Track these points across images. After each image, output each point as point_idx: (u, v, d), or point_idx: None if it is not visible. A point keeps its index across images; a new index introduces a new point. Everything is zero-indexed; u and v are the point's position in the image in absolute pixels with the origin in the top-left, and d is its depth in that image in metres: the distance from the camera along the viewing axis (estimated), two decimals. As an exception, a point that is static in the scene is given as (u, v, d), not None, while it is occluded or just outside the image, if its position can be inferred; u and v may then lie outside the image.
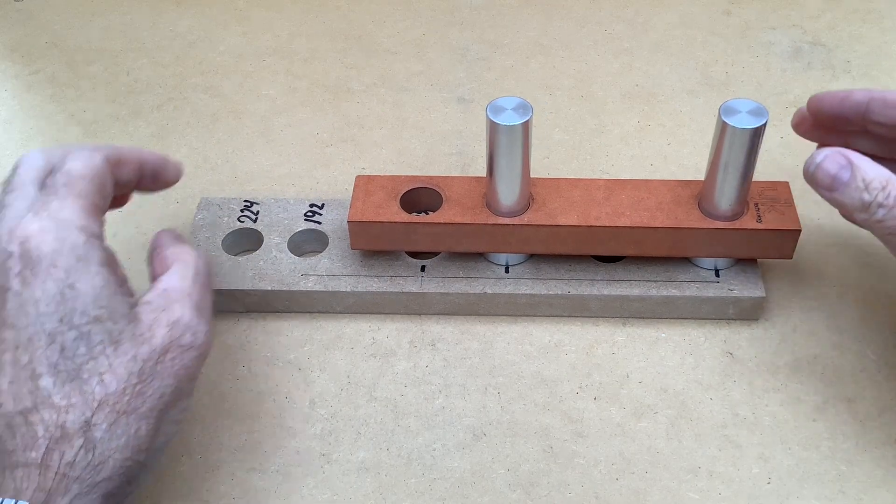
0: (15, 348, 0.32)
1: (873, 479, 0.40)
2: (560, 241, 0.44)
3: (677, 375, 0.44)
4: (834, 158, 0.38)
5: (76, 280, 0.32)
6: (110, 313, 0.33)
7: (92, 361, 0.32)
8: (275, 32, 0.67)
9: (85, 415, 0.31)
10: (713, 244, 0.44)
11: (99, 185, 0.36)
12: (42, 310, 0.32)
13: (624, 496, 0.39)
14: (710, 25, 0.66)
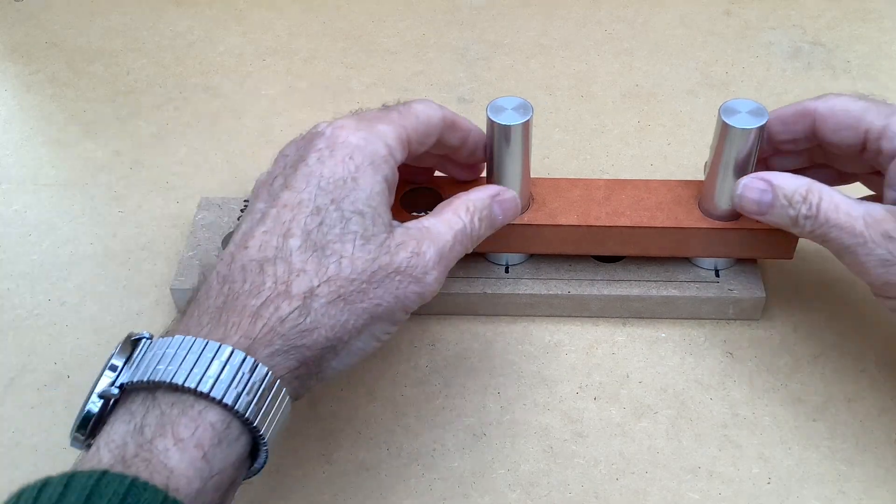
0: (283, 206, 0.35)
1: (873, 479, 0.40)
2: (560, 240, 0.44)
3: (677, 375, 0.44)
4: (752, 185, 0.40)
5: (360, 176, 0.35)
6: (373, 216, 0.35)
7: (339, 244, 0.34)
8: (275, 32, 0.67)
9: (312, 283, 0.33)
10: (713, 244, 0.44)
11: (424, 130, 0.39)
12: (322, 185, 0.35)
13: (624, 496, 0.39)
14: (710, 25, 0.66)
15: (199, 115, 0.60)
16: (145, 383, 0.31)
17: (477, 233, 0.39)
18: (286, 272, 0.33)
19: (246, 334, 0.32)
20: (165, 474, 0.29)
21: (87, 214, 0.54)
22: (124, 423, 0.31)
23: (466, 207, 0.39)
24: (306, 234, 0.34)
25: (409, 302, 0.36)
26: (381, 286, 0.35)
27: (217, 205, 0.50)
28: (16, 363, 0.46)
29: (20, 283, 0.50)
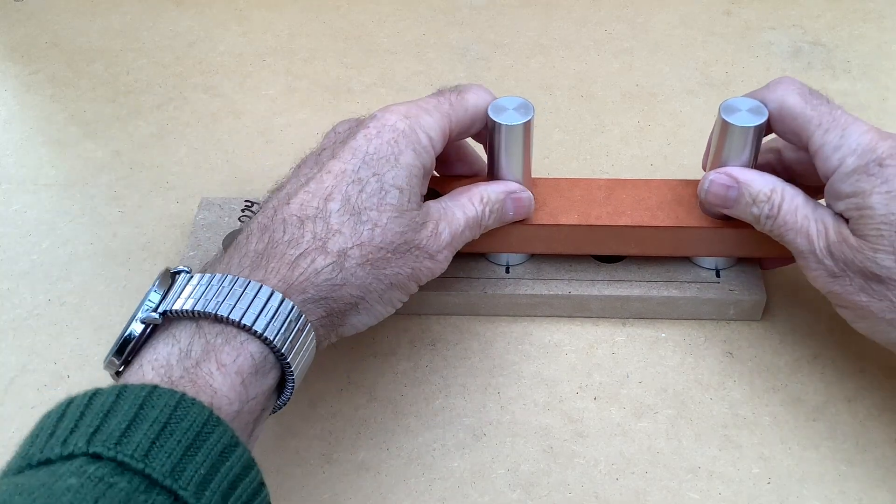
0: (328, 172, 0.38)
1: (873, 479, 0.40)
2: (561, 240, 0.44)
3: (677, 375, 0.44)
4: (719, 181, 0.41)
5: (402, 158, 0.38)
6: (409, 193, 0.38)
7: (375, 212, 0.37)
8: (275, 32, 0.67)
9: (346, 244, 0.36)
10: (714, 243, 0.44)
11: (470, 121, 0.41)
12: (367, 160, 0.38)
13: (624, 496, 0.39)
14: (710, 25, 0.66)
15: (199, 115, 0.60)
16: (189, 312, 0.34)
17: (486, 223, 0.42)
18: (324, 230, 0.36)
19: (284, 279, 0.35)
20: (210, 394, 0.32)
21: (87, 214, 0.54)
22: (167, 345, 0.33)
23: (481, 197, 0.41)
24: (346, 199, 0.37)
25: (421, 275, 0.39)
26: (402, 258, 0.38)
27: (217, 205, 0.50)
28: (16, 363, 0.46)
29: (20, 283, 0.50)
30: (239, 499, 0.30)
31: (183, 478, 0.28)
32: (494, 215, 0.42)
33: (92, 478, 0.27)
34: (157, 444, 0.29)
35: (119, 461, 0.28)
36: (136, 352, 0.34)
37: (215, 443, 0.30)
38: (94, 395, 0.30)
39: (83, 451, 0.28)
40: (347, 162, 0.38)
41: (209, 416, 0.30)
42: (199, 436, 0.30)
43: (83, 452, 0.28)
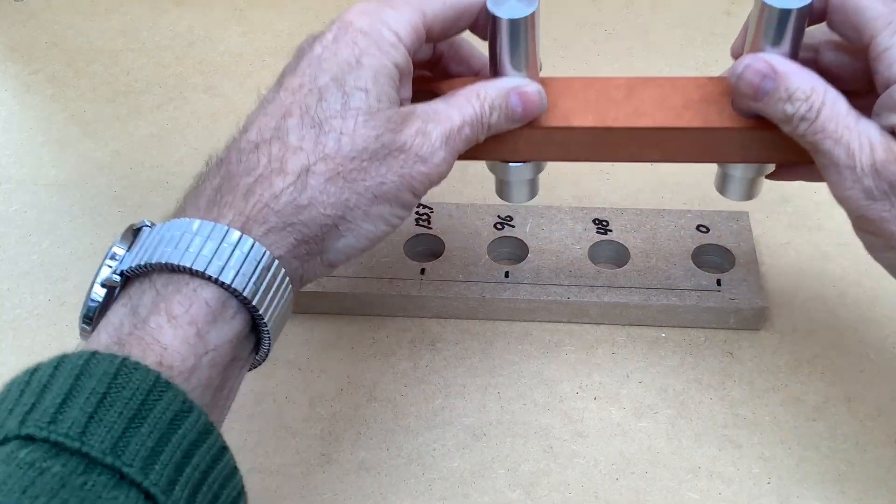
0: (285, 90, 0.35)
1: (873, 480, 0.40)
2: (574, 146, 0.39)
3: (677, 375, 0.44)
4: (756, 66, 0.35)
5: (365, 58, 0.34)
6: (378, 94, 0.34)
7: (339, 119, 0.33)
8: (275, 32, 0.67)
9: (308, 160, 0.33)
10: (748, 147, 0.38)
11: (453, 14, 0.37)
12: (324, 66, 0.34)
13: (624, 496, 0.39)
14: (710, 25, 0.66)
15: (199, 115, 0.60)
16: (143, 267, 0.31)
17: (489, 120, 0.37)
18: (281, 150, 0.33)
19: (240, 212, 0.32)
20: (158, 351, 0.29)
21: (87, 214, 0.54)
22: (123, 306, 0.31)
23: (477, 94, 0.37)
24: (304, 111, 0.34)
25: (415, 182, 0.35)
26: (384, 164, 0.34)
27: None
28: (16, 363, 0.46)
29: (20, 283, 0.50)
30: (197, 468, 0.28)
31: (127, 453, 0.26)
32: (498, 112, 0.37)
33: (21, 464, 0.25)
34: (94, 419, 0.26)
35: (53, 441, 0.26)
36: (99, 319, 0.32)
37: (164, 410, 0.27)
38: (35, 370, 0.28)
39: (15, 434, 0.26)
40: (304, 74, 0.35)
41: (156, 380, 0.28)
42: (145, 404, 0.27)
43: (15, 435, 0.26)
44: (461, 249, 0.48)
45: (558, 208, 0.50)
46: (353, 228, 0.34)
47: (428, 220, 0.50)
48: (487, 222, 0.49)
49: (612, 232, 0.48)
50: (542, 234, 0.48)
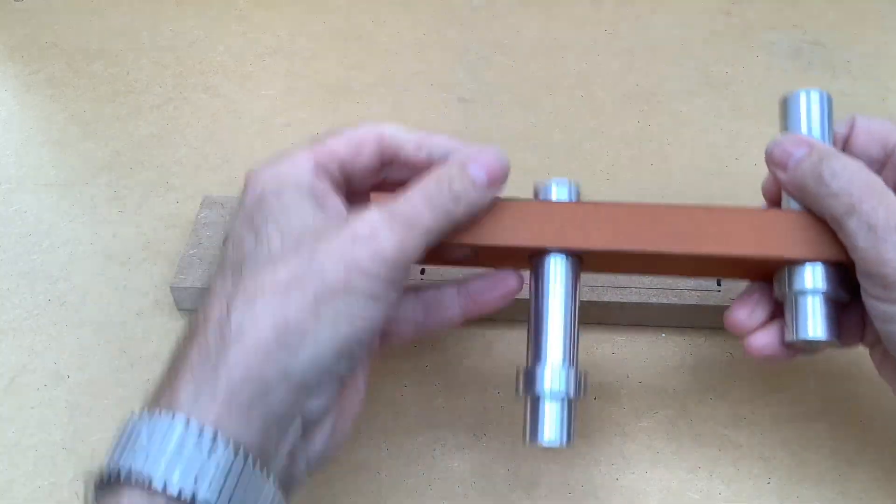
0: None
1: (873, 479, 0.40)
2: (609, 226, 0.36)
3: (677, 375, 0.44)
4: (793, 138, 0.35)
5: (269, 195, 0.34)
6: (295, 211, 0.33)
7: (253, 255, 0.32)
8: (275, 32, 0.67)
9: (230, 297, 0.31)
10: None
11: (355, 150, 0.35)
12: (240, 217, 0.34)
13: (624, 496, 0.39)
14: (710, 25, 0.66)
15: (199, 115, 0.60)
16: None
17: (450, 197, 0.33)
18: (208, 305, 0.31)
19: (176, 396, 0.29)
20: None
21: (87, 214, 0.54)
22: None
23: (429, 180, 0.33)
24: (225, 261, 0.32)
25: (363, 262, 0.30)
26: (313, 260, 0.31)
27: (220, 203, 0.50)
28: (16, 363, 0.46)
29: (20, 283, 0.50)
30: None
31: None
32: (459, 180, 0.33)
33: None
34: None
35: None
36: None
37: None
38: None
39: None
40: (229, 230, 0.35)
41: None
42: None
43: None
44: None
45: (558, 208, 0.50)
46: (311, 344, 0.30)
47: (428, 220, 0.49)
48: (487, 222, 0.49)
49: (612, 232, 0.48)
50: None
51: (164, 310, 0.48)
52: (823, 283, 0.35)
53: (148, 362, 0.45)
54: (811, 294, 0.35)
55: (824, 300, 0.35)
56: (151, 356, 0.45)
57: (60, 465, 0.41)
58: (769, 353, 0.37)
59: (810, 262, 0.35)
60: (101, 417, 0.43)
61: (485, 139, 0.57)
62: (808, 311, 0.35)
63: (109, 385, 0.44)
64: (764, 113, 0.59)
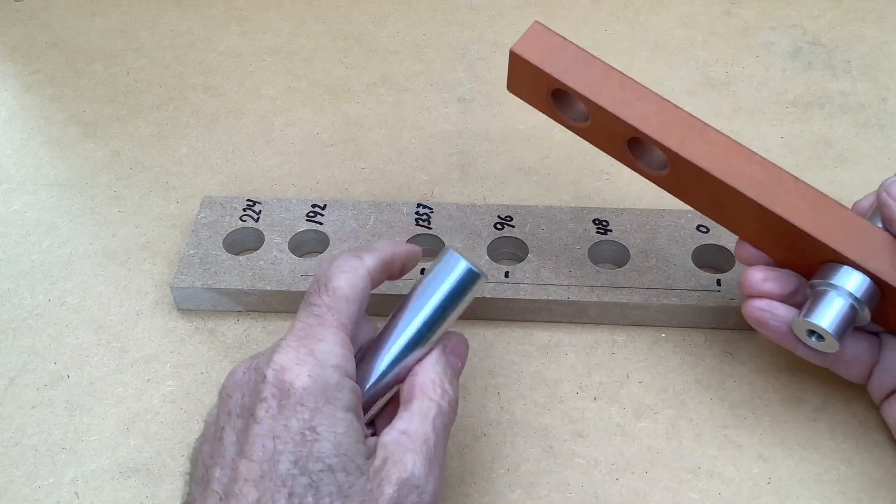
0: (245, 481, 0.31)
1: (873, 479, 0.40)
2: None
3: (677, 375, 0.44)
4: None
5: (319, 423, 0.31)
6: (345, 464, 0.31)
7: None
8: (275, 32, 0.67)
9: None
10: None
11: (359, 307, 0.35)
12: (279, 447, 0.31)
13: (624, 496, 0.39)
14: (710, 25, 0.66)
15: (199, 115, 0.60)
16: None
17: (453, 398, 0.35)
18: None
19: None
20: None
21: (87, 214, 0.54)
22: None
23: (432, 382, 0.35)
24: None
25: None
26: None
27: (220, 203, 0.50)
28: (16, 363, 0.46)
29: (20, 283, 0.50)
30: None
31: None
32: (452, 382, 0.36)
33: None
34: None
35: None
36: None
37: None
38: None
39: None
40: (262, 461, 0.31)
41: None
42: None
43: None
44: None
45: (558, 208, 0.50)
46: None
47: (428, 220, 0.50)
48: (487, 222, 0.49)
49: (612, 232, 0.48)
50: (542, 234, 0.48)
51: (164, 310, 0.48)
52: (858, 290, 0.36)
53: (148, 362, 0.45)
54: (840, 294, 0.36)
55: (849, 305, 0.36)
56: (151, 356, 0.46)
57: (60, 465, 0.41)
58: (769, 320, 0.38)
59: (857, 269, 0.36)
60: (102, 417, 0.43)
61: (485, 139, 0.57)
62: (830, 304, 0.36)
63: (109, 385, 0.44)
64: (764, 113, 0.59)
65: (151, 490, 0.40)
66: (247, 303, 0.47)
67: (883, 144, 0.56)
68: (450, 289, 0.35)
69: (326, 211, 0.50)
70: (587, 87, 0.40)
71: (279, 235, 0.49)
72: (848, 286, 0.36)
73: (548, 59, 0.41)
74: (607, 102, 0.40)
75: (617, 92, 0.40)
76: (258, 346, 0.46)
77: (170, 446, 0.42)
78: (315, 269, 0.46)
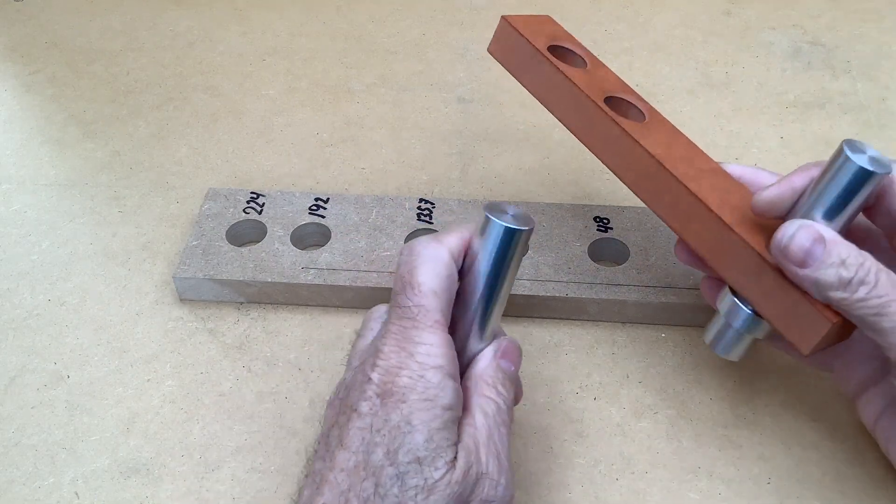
0: (340, 470, 0.32)
1: (873, 479, 0.40)
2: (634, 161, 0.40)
3: (677, 375, 0.44)
4: (807, 231, 0.34)
5: (415, 418, 0.32)
6: (433, 458, 0.32)
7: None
8: (275, 32, 0.67)
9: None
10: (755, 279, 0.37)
11: (448, 297, 0.35)
12: (376, 439, 0.32)
13: (624, 496, 0.39)
14: (710, 25, 0.66)
15: (199, 115, 0.60)
16: None
17: (507, 398, 0.35)
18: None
19: None
20: None
21: (87, 214, 0.54)
22: None
23: (486, 382, 0.35)
24: (363, 502, 0.31)
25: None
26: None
27: (223, 195, 0.51)
28: (16, 363, 0.46)
29: (20, 283, 0.50)
30: None
31: None
32: (507, 384, 0.36)
33: None
34: None
35: None
36: None
37: None
38: None
39: None
40: (356, 451, 0.32)
41: None
42: None
43: None
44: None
45: (559, 205, 0.50)
46: None
47: (430, 215, 0.50)
48: (488, 221, 0.49)
49: (612, 230, 0.48)
50: (542, 231, 0.48)
51: (164, 309, 0.48)
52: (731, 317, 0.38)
53: (148, 362, 0.45)
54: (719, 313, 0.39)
55: (724, 323, 0.39)
56: (151, 356, 0.46)
57: (60, 465, 0.41)
58: None
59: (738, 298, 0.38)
60: (101, 417, 0.43)
61: (485, 139, 0.57)
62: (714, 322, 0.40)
63: (109, 385, 0.44)
64: (764, 113, 0.59)
65: (151, 490, 0.40)
66: (248, 294, 0.47)
67: (883, 145, 0.56)
68: (494, 255, 0.34)
69: (329, 205, 0.50)
70: (535, 89, 0.43)
71: (282, 228, 0.49)
72: (721, 307, 0.38)
73: (510, 59, 0.44)
74: (548, 103, 0.43)
75: (553, 95, 0.43)
76: (258, 347, 0.46)
77: (170, 446, 0.42)
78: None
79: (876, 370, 0.38)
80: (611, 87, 0.42)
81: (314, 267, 0.47)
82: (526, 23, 0.44)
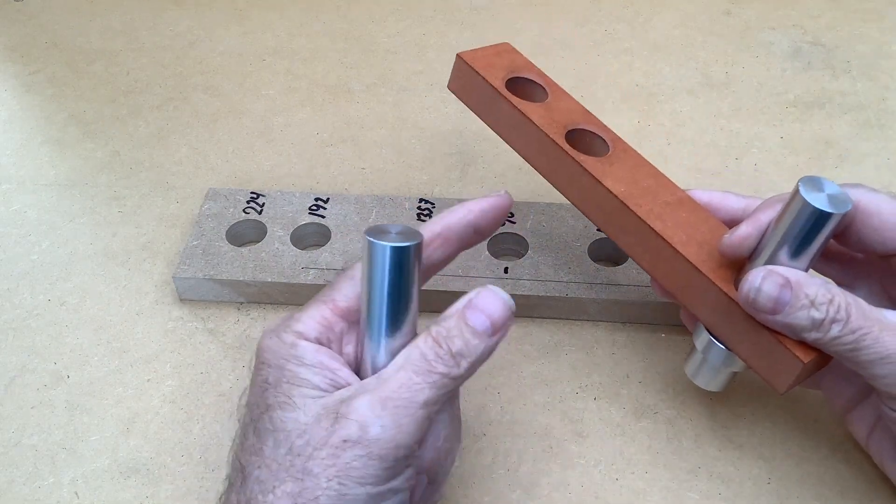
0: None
1: (873, 479, 0.40)
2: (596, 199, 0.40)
3: (677, 375, 0.44)
4: (773, 279, 0.33)
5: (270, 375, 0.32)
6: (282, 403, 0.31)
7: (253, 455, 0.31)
8: (275, 32, 0.67)
9: None
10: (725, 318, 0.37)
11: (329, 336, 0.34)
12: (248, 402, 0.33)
13: (624, 496, 0.39)
14: (710, 25, 0.66)
15: (199, 114, 0.60)
16: None
17: (450, 361, 0.32)
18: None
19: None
20: None
21: (87, 214, 0.54)
22: None
23: (424, 343, 0.32)
24: (235, 460, 0.32)
25: (355, 472, 0.29)
26: (306, 478, 0.29)
27: (223, 195, 0.51)
28: (16, 363, 0.46)
29: (20, 283, 0.50)
30: None
31: None
32: (461, 338, 0.33)
33: None
34: None
35: None
36: None
37: None
38: None
39: None
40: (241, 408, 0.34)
41: None
42: None
43: None
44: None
45: (559, 205, 0.50)
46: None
47: (430, 215, 0.50)
48: (487, 221, 0.49)
49: (612, 232, 0.48)
50: (542, 231, 0.48)
51: (165, 309, 0.48)
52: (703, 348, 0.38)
53: (148, 362, 0.45)
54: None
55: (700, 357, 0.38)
56: (151, 356, 0.46)
57: (60, 465, 0.41)
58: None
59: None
60: (101, 417, 0.43)
61: (485, 139, 0.57)
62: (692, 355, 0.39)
63: (109, 385, 0.44)
64: (764, 113, 0.59)
65: (151, 490, 0.40)
66: (248, 294, 0.47)
67: (883, 144, 0.56)
68: (381, 275, 0.32)
69: (329, 205, 0.50)
70: (495, 126, 0.44)
71: (281, 228, 0.49)
72: (697, 343, 0.38)
73: (469, 97, 0.46)
74: (510, 140, 0.43)
75: (513, 133, 0.43)
76: (258, 346, 0.46)
77: (170, 446, 0.42)
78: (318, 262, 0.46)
79: (864, 386, 0.38)
80: (572, 119, 0.42)
81: (314, 267, 0.47)
82: (483, 57, 0.45)
